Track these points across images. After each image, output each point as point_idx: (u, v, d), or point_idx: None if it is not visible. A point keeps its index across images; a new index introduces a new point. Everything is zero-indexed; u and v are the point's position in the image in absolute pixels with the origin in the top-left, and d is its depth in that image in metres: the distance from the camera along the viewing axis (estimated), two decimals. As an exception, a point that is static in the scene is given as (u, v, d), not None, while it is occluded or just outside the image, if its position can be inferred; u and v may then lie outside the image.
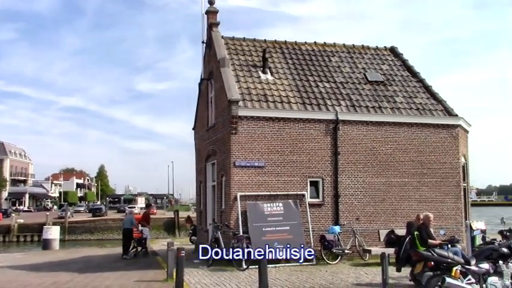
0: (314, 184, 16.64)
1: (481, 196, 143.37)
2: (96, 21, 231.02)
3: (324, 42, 21.13)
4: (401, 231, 13.91)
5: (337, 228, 15.91)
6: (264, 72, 18.22)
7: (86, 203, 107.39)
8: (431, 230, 12.29)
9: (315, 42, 21.04)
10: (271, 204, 15.85)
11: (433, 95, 19.04)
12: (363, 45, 21.56)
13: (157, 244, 24.09)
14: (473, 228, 14.90)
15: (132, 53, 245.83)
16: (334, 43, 21.25)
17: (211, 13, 19.48)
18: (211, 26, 19.36)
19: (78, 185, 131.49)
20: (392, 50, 21.68)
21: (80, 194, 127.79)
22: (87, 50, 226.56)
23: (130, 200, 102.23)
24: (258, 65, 18.50)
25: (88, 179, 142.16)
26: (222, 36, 19.30)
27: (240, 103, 16.17)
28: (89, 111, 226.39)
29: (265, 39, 20.45)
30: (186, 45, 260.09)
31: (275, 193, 16.07)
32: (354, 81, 19.02)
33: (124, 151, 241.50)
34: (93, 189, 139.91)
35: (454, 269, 8.20)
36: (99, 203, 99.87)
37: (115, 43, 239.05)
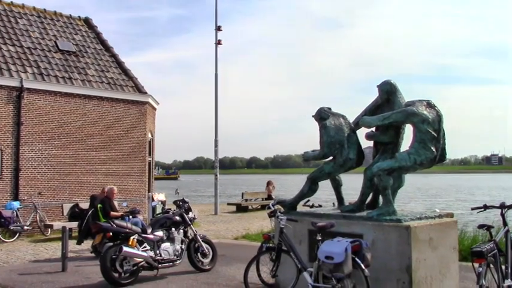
0: (-9, 156, 15.09)
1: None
2: None
3: (11, 2, 19.20)
4: (86, 205, 13.87)
5: (16, 204, 14.80)
6: None
7: None
8: (116, 202, 12.63)
9: (-1, -1, 18.92)
10: None
11: (125, 71, 19.42)
12: (55, 11, 20.40)
13: None
14: (155, 199, 15.93)
15: None
16: (23, 4, 19.51)
17: None
18: None
19: None
20: (87, 21, 21.17)
21: None
22: None
23: None
24: None
25: None
26: None
27: None
28: None
29: None
30: None
31: None
32: (43, 48, 17.87)
33: None
34: None
35: (131, 238, 8.57)
36: None
37: None
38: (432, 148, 6.66)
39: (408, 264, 6.23)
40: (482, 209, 6.54)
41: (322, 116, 7.51)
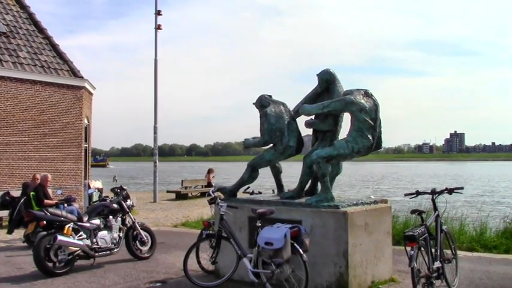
0: None
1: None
2: None
3: None
4: (18, 193, 13.30)
5: None
6: None
7: None
8: (50, 190, 12.20)
9: None
10: None
11: (60, 54, 18.65)
12: (-17, -12, 19.27)
13: None
14: (91, 187, 15.51)
15: None
16: None
17: None
18: None
19: None
20: (19, 1, 20.08)
21: None
22: None
23: None
24: None
25: None
26: None
27: None
28: None
29: None
30: None
31: None
32: (-30, 27, 16.87)
33: None
34: None
35: (67, 226, 8.31)
36: None
37: None
38: (369, 136, 6.86)
39: (345, 248, 6.41)
40: (415, 195, 6.81)
41: (263, 103, 7.55)
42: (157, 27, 24.08)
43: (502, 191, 38.67)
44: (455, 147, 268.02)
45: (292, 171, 16.42)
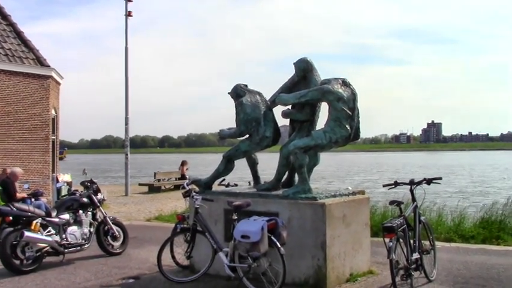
0: None
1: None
2: None
3: None
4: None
5: None
6: None
7: None
8: (16, 184, 11.76)
9: None
10: None
11: (25, 42, 17.98)
12: None
13: None
14: (60, 181, 15.07)
15: None
16: None
17: None
18: None
19: None
20: (-19, -13, 19.33)
21: None
22: None
23: None
24: None
25: None
26: None
27: None
28: None
29: None
30: None
31: None
32: None
33: None
34: None
35: (34, 222, 7.99)
36: None
37: None
38: (347, 126, 6.74)
39: (323, 240, 6.30)
40: (393, 186, 6.73)
41: (238, 93, 7.35)
42: (128, 14, 23.54)
43: (480, 182, 39.10)
44: (432, 137, 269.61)
45: (269, 162, 16.28)
